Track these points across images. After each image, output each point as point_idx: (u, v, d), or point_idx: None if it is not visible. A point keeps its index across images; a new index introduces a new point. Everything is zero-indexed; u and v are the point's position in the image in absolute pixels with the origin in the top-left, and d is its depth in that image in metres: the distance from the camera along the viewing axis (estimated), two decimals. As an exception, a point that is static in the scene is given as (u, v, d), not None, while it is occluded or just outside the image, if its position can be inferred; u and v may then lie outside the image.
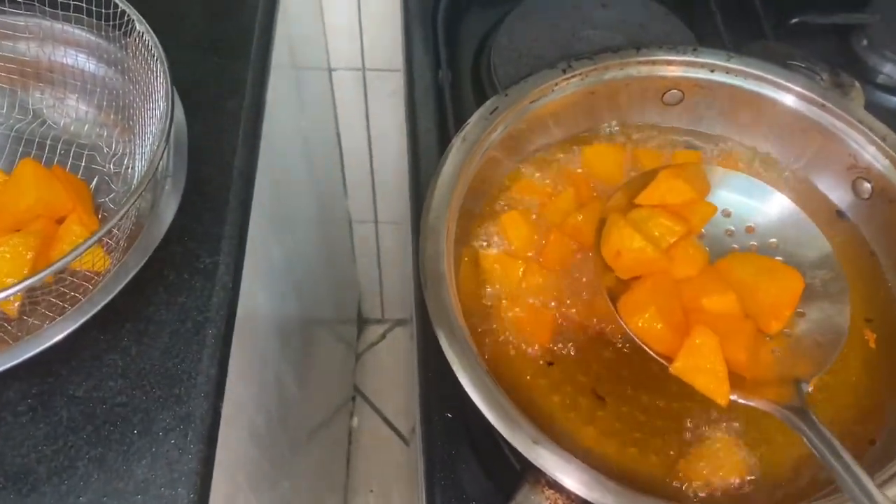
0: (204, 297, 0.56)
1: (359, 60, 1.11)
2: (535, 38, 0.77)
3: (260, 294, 0.71)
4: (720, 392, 0.49)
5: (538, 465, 0.47)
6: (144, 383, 0.53)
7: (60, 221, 0.54)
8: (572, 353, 0.56)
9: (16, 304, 0.51)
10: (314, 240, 1.11)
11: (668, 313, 0.52)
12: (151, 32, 0.52)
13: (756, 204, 0.58)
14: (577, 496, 0.46)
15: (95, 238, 0.44)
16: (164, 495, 0.49)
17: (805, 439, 0.45)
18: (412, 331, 0.67)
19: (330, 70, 1.11)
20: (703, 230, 0.57)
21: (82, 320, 0.47)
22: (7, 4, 0.56)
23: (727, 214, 0.58)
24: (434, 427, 0.56)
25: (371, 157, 1.27)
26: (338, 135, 1.22)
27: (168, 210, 0.52)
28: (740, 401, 0.49)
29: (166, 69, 0.50)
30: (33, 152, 0.59)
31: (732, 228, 0.58)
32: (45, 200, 0.53)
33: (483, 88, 0.76)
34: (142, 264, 0.49)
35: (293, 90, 0.91)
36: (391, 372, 1.62)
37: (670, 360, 0.50)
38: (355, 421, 1.56)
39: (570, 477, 0.46)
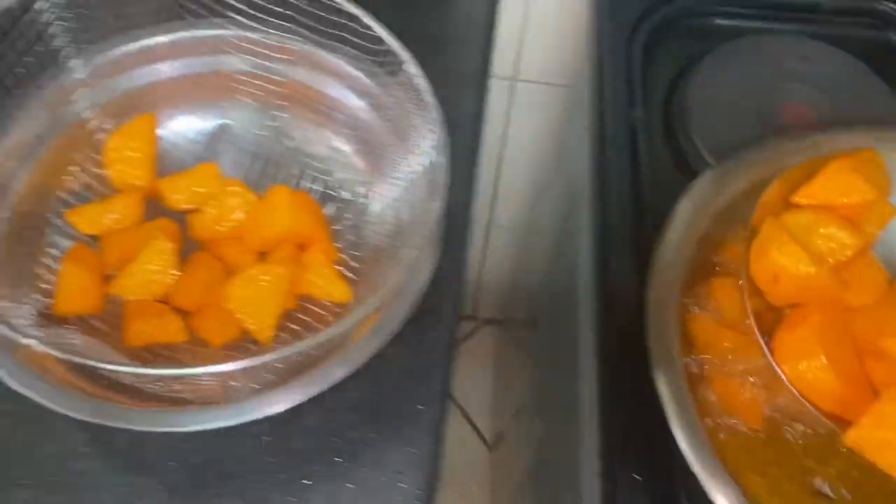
0: (432, 337, 0.56)
1: (511, 69, 1.09)
2: (734, 84, 0.76)
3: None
4: None
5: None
6: (376, 420, 0.53)
7: (302, 248, 0.55)
8: (782, 436, 0.55)
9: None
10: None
11: (841, 360, 0.45)
12: (424, 77, 0.51)
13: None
14: None
15: (371, 308, 0.44)
16: (395, 539, 0.49)
17: None
18: (581, 377, 0.67)
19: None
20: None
21: (343, 375, 0.47)
22: (267, 24, 0.56)
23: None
24: (618, 488, 0.55)
25: (499, 164, 1.26)
26: (473, 138, 1.21)
27: (428, 260, 0.51)
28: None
29: (438, 119, 0.49)
30: (271, 171, 0.59)
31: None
32: (295, 229, 0.53)
33: (673, 130, 0.75)
34: (404, 320, 0.49)
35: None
36: (476, 370, 1.62)
37: (843, 422, 0.44)
38: (437, 415, 1.57)
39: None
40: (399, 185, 0.54)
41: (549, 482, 0.85)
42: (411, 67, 0.51)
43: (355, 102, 0.57)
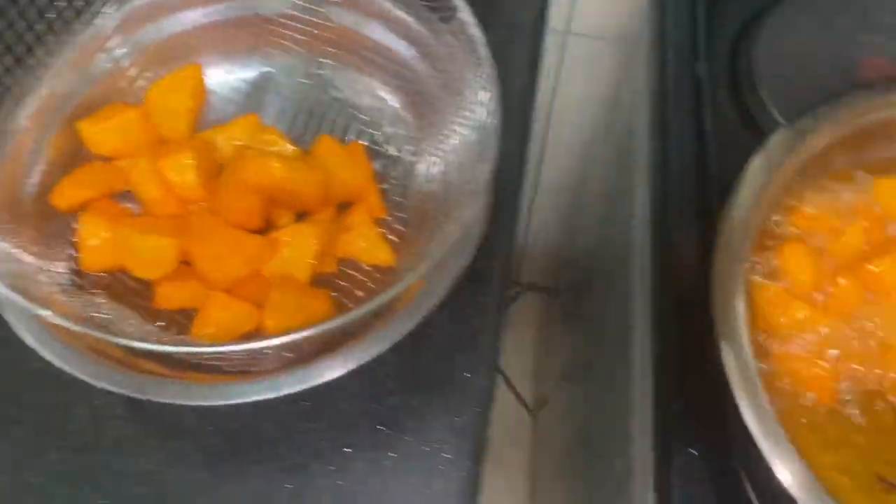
0: (479, 302, 0.53)
1: (564, 23, 1.05)
2: (806, 36, 0.70)
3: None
4: None
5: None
6: (419, 388, 0.51)
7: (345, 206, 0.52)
8: (853, 416, 0.52)
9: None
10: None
11: None
12: (477, 26, 0.47)
13: None
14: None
15: (417, 275, 0.41)
16: (440, 512, 0.47)
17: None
18: (634, 346, 0.64)
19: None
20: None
21: (386, 346, 0.45)
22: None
23: None
24: (673, 463, 0.53)
25: (547, 122, 1.22)
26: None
27: (477, 225, 0.48)
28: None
29: (492, 74, 0.46)
30: (317, 124, 0.56)
31: None
32: (342, 184, 0.51)
33: (739, 85, 0.70)
34: (451, 286, 0.46)
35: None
36: (518, 335, 1.60)
37: None
38: (477, 380, 1.55)
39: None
40: (448, 143, 0.50)
41: (596, 449, 0.83)
42: (465, 15, 0.48)
43: (405, 51, 0.53)
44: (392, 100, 0.56)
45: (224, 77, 0.57)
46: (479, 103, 0.46)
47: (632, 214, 0.75)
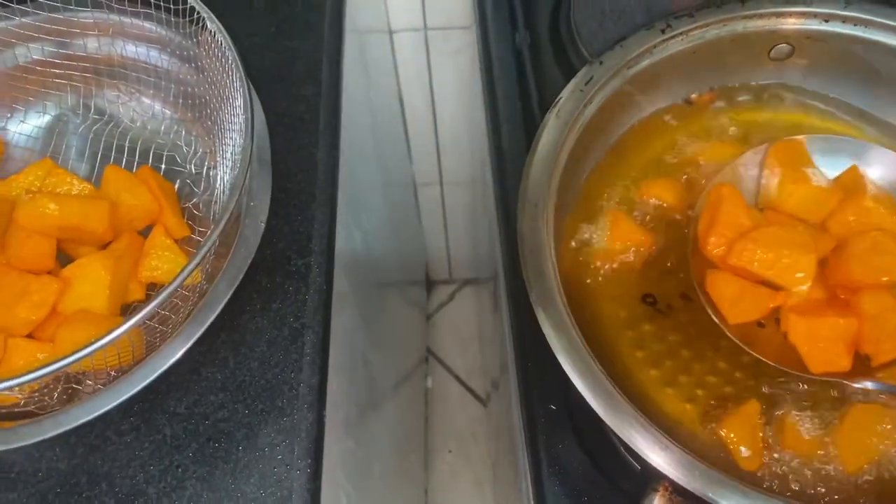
0: (298, 301, 0.53)
1: (420, 20, 1.06)
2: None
3: (344, 280, 0.69)
4: None
5: (669, 475, 0.44)
6: (245, 396, 0.51)
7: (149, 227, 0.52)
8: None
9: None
10: (381, 207, 1.08)
11: None
12: (224, 31, 0.48)
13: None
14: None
15: (187, 273, 0.41)
16: (276, 514, 0.47)
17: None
18: (503, 321, 0.64)
19: (391, 32, 1.07)
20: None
21: (190, 343, 0.45)
22: (73, 2, 0.53)
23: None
24: (537, 421, 0.53)
25: (434, 118, 1.22)
26: (400, 98, 1.18)
27: (258, 218, 0.49)
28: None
29: (243, 76, 0.46)
30: (113, 155, 0.56)
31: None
32: (129, 210, 0.51)
33: (564, 49, 0.71)
34: (241, 278, 0.47)
35: (357, 57, 0.87)
36: (462, 331, 1.60)
37: None
38: (429, 382, 1.56)
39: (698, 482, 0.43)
40: (230, 149, 0.51)
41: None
42: (210, 23, 0.48)
43: (178, 67, 0.54)
44: (181, 118, 0.56)
45: (19, 127, 0.57)
46: (237, 106, 0.47)
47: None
